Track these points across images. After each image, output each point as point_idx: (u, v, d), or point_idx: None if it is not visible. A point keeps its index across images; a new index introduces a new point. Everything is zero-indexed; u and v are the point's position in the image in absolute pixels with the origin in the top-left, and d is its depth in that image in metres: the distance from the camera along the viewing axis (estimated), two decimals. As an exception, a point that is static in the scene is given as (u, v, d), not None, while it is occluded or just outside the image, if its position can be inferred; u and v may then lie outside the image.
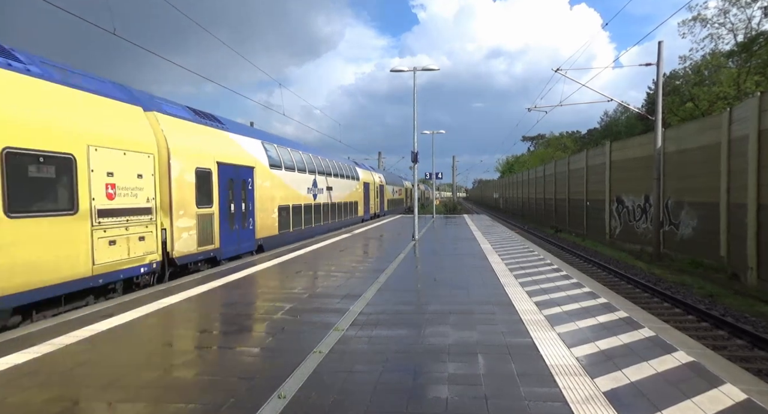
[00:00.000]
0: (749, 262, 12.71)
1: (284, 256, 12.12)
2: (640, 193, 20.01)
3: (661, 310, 10.63)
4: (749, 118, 12.91)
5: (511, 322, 5.84)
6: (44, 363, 4.56)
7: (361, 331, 5.57)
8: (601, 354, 4.67)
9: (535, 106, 24.98)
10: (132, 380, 4.14)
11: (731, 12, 30.46)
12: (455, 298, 7.27)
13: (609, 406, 3.54)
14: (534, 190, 41.96)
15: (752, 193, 12.62)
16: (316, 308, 6.71)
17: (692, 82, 34.68)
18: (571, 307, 6.55)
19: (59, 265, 6.76)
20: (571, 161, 30.69)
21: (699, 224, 15.74)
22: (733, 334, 8.83)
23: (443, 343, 5.06)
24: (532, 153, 77.63)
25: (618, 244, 22.19)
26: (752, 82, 28.42)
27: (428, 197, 74.99)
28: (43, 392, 3.87)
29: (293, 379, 4.09)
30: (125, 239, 8.11)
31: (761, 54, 26.91)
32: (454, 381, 4.05)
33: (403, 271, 9.84)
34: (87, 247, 7.27)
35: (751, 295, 11.67)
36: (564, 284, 8.24)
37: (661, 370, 4.22)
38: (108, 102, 8.19)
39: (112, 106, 8.27)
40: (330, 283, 8.66)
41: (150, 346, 5.11)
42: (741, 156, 13.23)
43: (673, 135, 17.65)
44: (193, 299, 7.31)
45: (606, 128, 55.88)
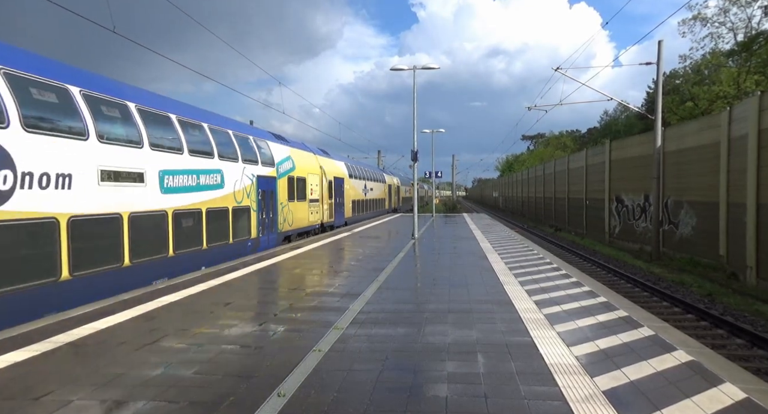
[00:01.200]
0: (748, 262, 12.72)
1: (286, 254, 12.12)
2: (640, 193, 20.02)
3: (660, 309, 10.64)
4: (749, 117, 12.91)
5: (510, 321, 5.84)
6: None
7: (360, 329, 5.57)
8: (600, 353, 4.67)
9: (535, 105, 25.00)
10: (130, 380, 4.14)
11: (731, 11, 30.45)
12: (455, 296, 7.27)
13: (608, 405, 3.55)
14: (534, 189, 41.98)
15: (751, 192, 12.62)
16: (315, 307, 6.71)
17: (692, 82, 34.67)
18: (571, 306, 6.55)
19: (302, 220, 17.78)
20: (570, 160, 30.69)
21: (698, 223, 15.75)
22: (732, 333, 8.84)
23: (443, 342, 5.06)
24: (532, 152, 77.63)
25: (617, 243, 22.20)
26: (752, 82, 28.41)
27: (430, 195, 75.03)
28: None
29: (293, 378, 4.09)
30: (314, 212, 19.35)
31: (761, 53, 26.89)
32: (453, 380, 4.05)
33: (402, 270, 9.84)
34: (307, 214, 18.41)
35: (750, 294, 11.69)
36: (563, 283, 8.24)
37: (661, 369, 4.23)
38: (307, 154, 19.40)
39: (309, 155, 19.63)
40: (330, 281, 8.66)
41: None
42: (740, 155, 13.24)
43: (673, 134, 17.65)
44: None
45: (606, 127, 55.89)
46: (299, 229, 17.62)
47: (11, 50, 7.31)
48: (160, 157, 9.61)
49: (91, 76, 8.89)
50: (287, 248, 13.80)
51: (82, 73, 8.69)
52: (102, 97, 8.47)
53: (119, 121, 8.83)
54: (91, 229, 7.79)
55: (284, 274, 9.53)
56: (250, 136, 14.50)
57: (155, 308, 6.64)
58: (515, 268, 9.91)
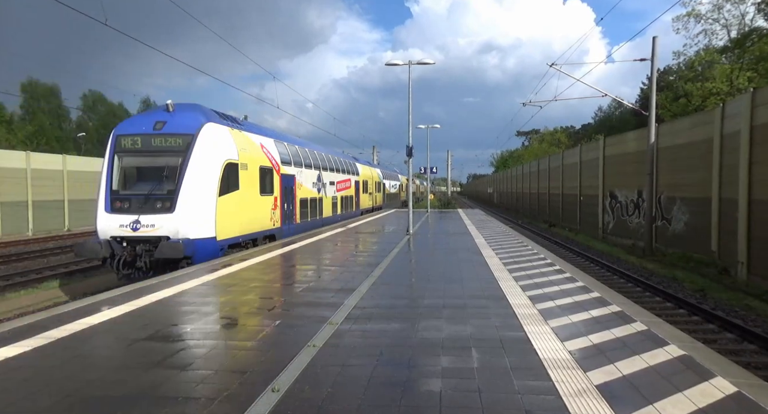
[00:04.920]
0: (739, 257, 12.83)
1: (279, 250, 12.09)
2: (633, 188, 20.12)
3: (653, 304, 10.72)
4: (741, 114, 12.98)
5: (504, 316, 5.86)
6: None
7: (355, 325, 5.57)
8: (593, 348, 4.70)
9: (530, 101, 25.00)
10: (123, 375, 4.12)
11: (725, 8, 30.59)
12: (449, 292, 7.29)
13: (601, 399, 3.57)
14: (528, 184, 42.09)
15: (743, 188, 12.72)
16: (309, 302, 6.70)
17: (686, 78, 34.83)
18: (565, 302, 6.59)
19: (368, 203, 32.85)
20: (565, 156, 30.77)
21: (691, 219, 15.86)
22: (723, 327, 8.93)
23: (437, 337, 5.07)
24: (527, 148, 77.81)
25: (611, 238, 22.33)
26: (745, 78, 28.60)
27: (423, 192, 75.26)
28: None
29: (287, 373, 4.09)
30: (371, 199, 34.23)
31: (754, 50, 27.05)
32: (447, 374, 4.06)
33: (397, 265, 9.85)
34: (371, 200, 34.04)
35: (741, 290, 11.80)
36: (557, 278, 8.28)
37: (653, 363, 4.26)
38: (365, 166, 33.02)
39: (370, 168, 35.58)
40: (325, 276, 8.65)
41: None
42: (733, 152, 13.32)
43: (667, 130, 17.73)
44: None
45: (600, 123, 56.11)
46: (370, 206, 33.06)
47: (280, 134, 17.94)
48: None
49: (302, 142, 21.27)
50: (279, 244, 13.76)
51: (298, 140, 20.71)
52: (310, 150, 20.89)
53: (307, 158, 19.66)
54: (311, 203, 19.70)
55: (279, 269, 9.52)
56: (355, 161, 30.63)
57: (149, 304, 6.61)
58: (509, 263, 9.94)
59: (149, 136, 11.69)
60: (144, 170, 11.73)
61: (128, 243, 11.14)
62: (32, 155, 27.90)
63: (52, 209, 28.43)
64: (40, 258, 18.43)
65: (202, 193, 11.49)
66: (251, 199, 13.77)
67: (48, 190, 28.11)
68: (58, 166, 29.26)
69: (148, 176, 11.58)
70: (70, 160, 30.61)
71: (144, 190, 11.36)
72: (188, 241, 10.89)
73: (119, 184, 11.69)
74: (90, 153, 45.04)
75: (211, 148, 11.88)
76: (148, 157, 11.66)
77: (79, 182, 30.61)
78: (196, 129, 11.70)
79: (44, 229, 27.43)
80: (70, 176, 29.97)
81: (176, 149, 11.51)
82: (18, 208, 26.22)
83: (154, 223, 11.04)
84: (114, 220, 11.29)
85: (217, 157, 12.00)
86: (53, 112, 55.86)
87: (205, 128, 11.89)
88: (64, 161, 29.88)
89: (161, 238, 10.90)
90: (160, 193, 11.23)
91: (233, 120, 14.23)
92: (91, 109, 61.69)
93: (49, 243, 23.23)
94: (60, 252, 19.98)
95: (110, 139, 12.03)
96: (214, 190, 11.73)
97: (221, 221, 11.89)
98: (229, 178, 12.35)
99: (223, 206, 11.99)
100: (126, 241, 11.15)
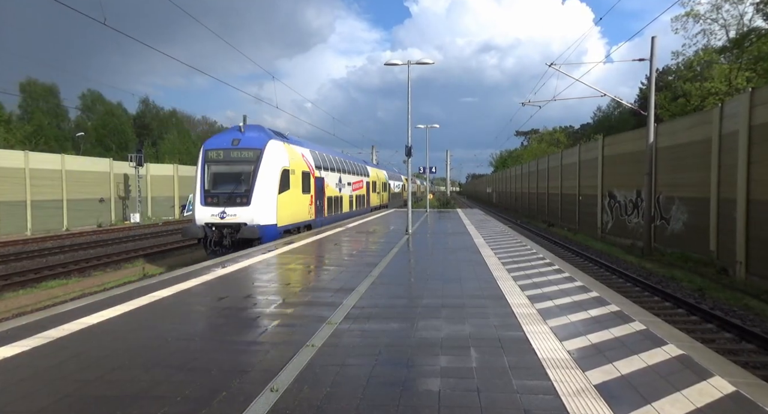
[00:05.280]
0: (738, 257, 12.85)
1: (278, 250, 12.09)
2: (632, 188, 20.14)
3: (651, 303, 10.73)
4: (740, 114, 13.00)
5: (503, 316, 5.86)
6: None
7: (354, 324, 5.57)
8: (592, 347, 4.70)
9: (529, 101, 25.01)
10: (121, 375, 4.12)
11: (724, 8, 30.60)
12: (448, 291, 7.29)
13: (600, 398, 3.57)
14: (527, 184, 42.11)
15: (742, 188, 12.74)
16: (308, 302, 6.70)
17: (684, 78, 34.86)
18: (563, 301, 6.59)
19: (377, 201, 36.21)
20: (563, 156, 30.79)
21: (689, 219, 15.88)
22: (721, 327, 8.94)
23: (436, 337, 5.07)
24: (526, 148, 77.86)
25: (609, 238, 22.36)
26: (743, 78, 28.63)
27: (423, 191, 75.50)
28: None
29: (286, 373, 4.08)
30: (379, 197, 37.61)
31: (752, 50, 27.08)
32: (446, 374, 4.06)
33: (396, 265, 9.85)
34: (378, 198, 37.18)
35: (739, 289, 11.82)
36: (556, 278, 8.29)
37: (652, 363, 4.26)
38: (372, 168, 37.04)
39: (377, 170, 38.87)
40: (323, 276, 8.65)
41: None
42: (731, 152, 13.34)
43: (665, 130, 17.75)
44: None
45: (599, 123, 56.16)
46: (378, 204, 36.50)
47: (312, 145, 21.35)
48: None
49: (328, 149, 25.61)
50: (280, 243, 13.76)
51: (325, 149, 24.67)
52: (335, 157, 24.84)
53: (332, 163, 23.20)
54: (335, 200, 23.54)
55: (277, 269, 9.51)
56: (366, 165, 33.93)
57: (147, 304, 6.60)
58: (508, 263, 9.94)
59: (229, 150, 15.81)
60: (226, 175, 15.70)
61: (216, 228, 15.12)
62: (31, 155, 27.86)
63: (51, 209, 28.40)
64: (38, 258, 18.41)
65: (268, 192, 15.48)
66: (297, 197, 17.74)
67: (46, 189, 28.08)
68: (56, 166, 29.22)
69: (229, 179, 15.62)
70: (68, 160, 30.57)
71: (227, 190, 15.43)
72: (260, 227, 14.94)
73: (209, 185, 15.66)
74: (89, 153, 45.01)
75: (273, 159, 15.94)
76: (229, 165, 15.75)
77: (77, 182, 30.58)
78: (263, 145, 15.83)
79: (43, 228, 27.39)
80: (69, 176, 29.94)
81: (249, 160, 15.59)
82: (16, 207, 26.19)
83: (236, 213, 15.10)
84: (207, 211, 15.25)
85: (277, 165, 16.05)
86: (52, 111, 55.75)
87: (269, 144, 16.02)
88: (62, 161, 29.84)
89: (241, 224, 14.94)
90: (239, 191, 15.34)
91: (284, 136, 18.06)
92: (90, 108, 61.58)
93: (47, 242, 23.20)
94: (59, 251, 19.95)
95: (201, 152, 16.17)
96: (275, 190, 15.76)
97: (280, 212, 15.95)
98: (284, 181, 16.40)
99: (281, 202, 16.07)
100: (215, 226, 15.13)
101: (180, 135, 65.56)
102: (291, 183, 16.95)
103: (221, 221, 15.10)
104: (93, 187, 32.15)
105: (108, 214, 33.54)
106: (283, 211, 16.21)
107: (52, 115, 55.31)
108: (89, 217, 31.34)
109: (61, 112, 57.87)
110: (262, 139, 16.15)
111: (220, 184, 15.66)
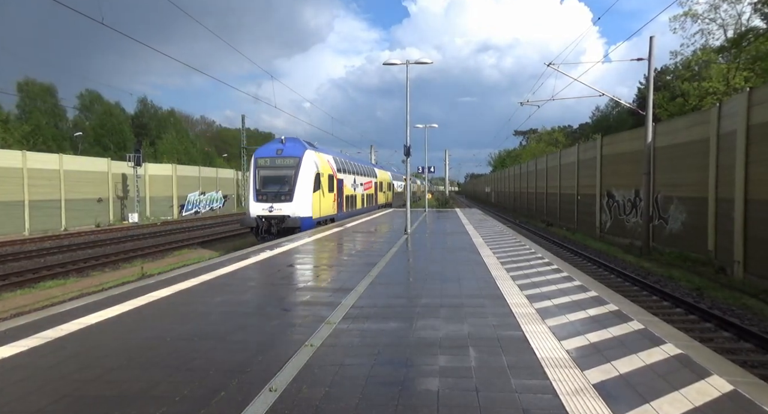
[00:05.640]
0: (736, 256, 12.88)
1: (278, 249, 12.08)
2: (631, 188, 20.17)
3: (649, 303, 10.75)
4: (738, 113, 13.02)
5: (502, 315, 5.87)
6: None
7: (352, 324, 5.57)
8: (591, 347, 4.71)
9: (528, 101, 25.02)
10: (119, 375, 4.11)
11: (722, 7, 30.64)
12: (447, 291, 7.29)
13: (598, 397, 3.58)
14: (526, 184, 42.13)
15: (740, 188, 12.76)
16: (307, 302, 6.70)
17: (682, 78, 34.90)
18: (562, 301, 6.59)
19: (384, 198, 40.83)
20: (562, 155, 30.81)
21: (687, 219, 15.91)
22: (719, 326, 8.96)
23: (435, 336, 5.07)
24: (524, 147, 77.90)
25: (608, 238, 22.38)
26: (741, 78, 28.66)
27: (422, 191, 75.65)
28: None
29: (284, 373, 4.08)
30: (385, 196, 42.20)
31: (750, 50, 27.11)
32: (445, 374, 4.06)
33: (395, 265, 9.85)
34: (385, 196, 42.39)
35: (737, 289, 11.84)
36: (555, 278, 8.29)
37: (650, 362, 4.27)
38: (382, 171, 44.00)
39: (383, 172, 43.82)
40: (322, 276, 8.64)
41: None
42: (729, 151, 13.36)
43: (663, 130, 17.77)
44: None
45: (597, 123, 56.22)
46: (384, 202, 39.95)
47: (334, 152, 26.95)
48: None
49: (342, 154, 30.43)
50: (280, 243, 13.75)
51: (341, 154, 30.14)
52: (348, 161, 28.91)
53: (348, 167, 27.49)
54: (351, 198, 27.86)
55: (276, 269, 9.50)
56: (374, 167, 38.62)
57: (145, 304, 6.59)
58: (507, 262, 9.95)
59: (274, 158, 20.31)
60: (273, 178, 20.08)
61: (265, 219, 19.38)
62: (28, 155, 27.80)
63: (49, 209, 28.34)
64: (36, 258, 18.37)
65: (305, 191, 19.86)
66: (325, 195, 21.88)
67: (44, 189, 28.02)
68: (54, 166, 29.16)
69: (275, 181, 19.98)
70: (66, 160, 30.51)
71: (274, 189, 19.77)
72: (300, 218, 19.27)
73: (260, 185, 19.96)
74: (87, 152, 44.92)
75: (309, 165, 20.29)
76: (275, 170, 20.16)
77: (75, 182, 30.51)
78: (301, 154, 20.28)
79: (41, 228, 27.34)
80: (67, 176, 29.88)
81: (291, 166, 19.99)
82: (14, 207, 26.12)
83: (281, 208, 19.40)
84: (258, 206, 19.61)
85: (311, 170, 20.33)
86: (49, 111, 55.56)
87: (306, 153, 20.41)
88: (60, 161, 29.77)
89: (285, 216, 19.17)
90: (283, 190, 19.70)
91: (314, 146, 22.33)
92: (88, 108, 61.44)
93: (45, 243, 23.16)
94: (57, 251, 19.92)
95: (253, 159, 20.71)
96: (311, 189, 20.13)
97: (314, 207, 20.27)
98: (317, 182, 20.55)
99: (314, 199, 20.32)
100: (264, 218, 19.40)
101: (178, 135, 65.42)
102: (321, 184, 21.06)
103: (269, 214, 19.34)
104: (91, 186, 32.10)
105: (106, 214, 33.49)
106: (316, 206, 20.48)
107: (49, 114, 55.15)
108: (87, 217, 31.29)
109: (59, 112, 57.73)
110: (299, 149, 20.48)
111: (268, 185, 19.94)
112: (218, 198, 48.69)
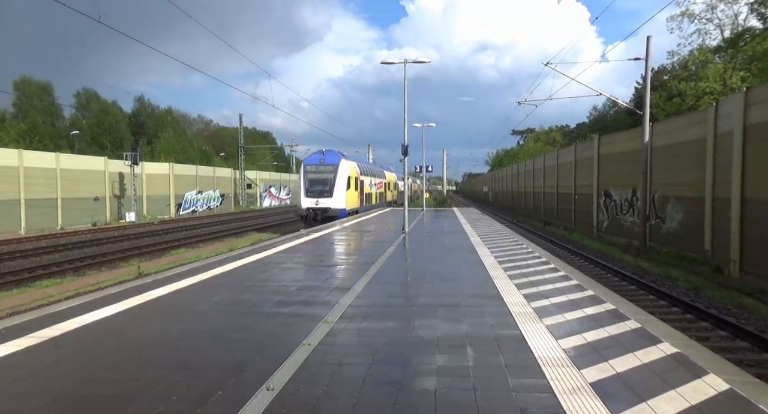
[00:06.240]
0: (732, 256, 12.92)
1: (274, 249, 12.07)
2: (628, 187, 20.21)
3: (646, 302, 10.77)
4: (735, 113, 13.06)
5: (499, 315, 5.87)
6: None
7: (350, 323, 5.57)
8: (588, 346, 4.72)
9: (526, 100, 25.05)
10: (116, 375, 4.10)
11: (719, 8, 30.72)
12: (444, 290, 7.30)
13: (595, 396, 3.59)
14: (523, 183, 42.20)
15: (736, 187, 12.80)
16: (304, 301, 6.69)
17: (679, 78, 34.99)
18: (559, 300, 6.61)
19: (392, 197, 46.06)
20: (560, 155, 30.86)
21: (684, 218, 15.96)
22: (716, 325, 8.99)
23: (432, 336, 5.07)
24: (522, 147, 77.99)
25: (605, 237, 22.43)
26: (738, 78, 28.75)
27: (420, 190, 75.93)
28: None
29: (282, 372, 4.08)
30: (391, 194, 46.11)
31: (747, 50, 27.20)
32: (442, 373, 4.07)
33: (392, 264, 9.85)
34: (392, 195, 46.44)
35: (734, 288, 11.88)
36: (552, 277, 8.31)
37: (647, 361, 4.28)
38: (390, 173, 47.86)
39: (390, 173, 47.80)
40: (320, 275, 8.64)
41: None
42: (726, 151, 13.41)
43: (661, 130, 17.81)
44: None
45: (595, 122, 56.28)
46: (391, 200, 43.90)
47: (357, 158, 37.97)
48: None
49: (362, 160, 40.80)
50: (278, 242, 13.74)
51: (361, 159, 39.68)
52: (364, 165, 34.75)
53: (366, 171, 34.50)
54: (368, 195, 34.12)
55: (272, 269, 9.49)
56: (384, 170, 44.51)
57: (141, 303, 6.57)
58: (504, 261, 9.96)
59: (318, 165, 26.90)
60: (318, 180, 26.62)
61: (312, 210, 25.91)
62: (25, 153, 27.68)
63: (45, 207, 28.23)
64: (33, 257, 18.31)
65: (341, 190, 26.32)
66: (353, 193, 28.22)
67: (41, 188, 27.91)
68: (51, 165, 29.04)
69: (319, 182, 26.53)
70: (63, 158, 30.38)
71: (319, 188, 26.29)
72: (338, 209, 25.96)
73: (308, 185, 26.56)
74: (84, 151, 44.72)
75: (343, 170, 26.77)
76: (319, 174, 26.68)
77: (72, 181, 30.39)
78: (338, 162, 26.87)
79: (37, 227, 27.23)
80: (64, 174, 29.76)
81: (330, 171, 26.49)
82: (10, 206, 26.01)
83: (324, 202, 25.96)
84: (307, 201, 26.24)
85: (345, 174, 26.79)
86: (46, 109, 55.32)
87: (341, 162, 27.02)
88: (57, 159, 29.65)
89: (327, 208, 25.79)
90: (325, 189, 26.24)
91: (345, 155, 29.18)
92: (85, 106, 61.22)
93: (42, 241, 23.07)
94: (53, 250, 19.85)
95: (302, 166, 27.69)
96: (345, 189, 26.49)
97: (347, 202, 26.73)
98: (348, 183, 26.99)
99: (347, 195, 26.65)
100: (312, 209, 25.95)
101: (176, 133, 65.17)
102: (350, 184, 27.45)
103: (316, 206, 25.93)
104: (88, 185, 31.98)
105: (103, 213, 33.38)
106: (347, 201, 26.85)
107: (46, 113, 54.91)
108: (84, 215, 31.18)
109: (55, 111, 57.48)
110: (336, 158, 27.21)
111: (314, 185, 26.57)
112: (215, 197, 48.60)
